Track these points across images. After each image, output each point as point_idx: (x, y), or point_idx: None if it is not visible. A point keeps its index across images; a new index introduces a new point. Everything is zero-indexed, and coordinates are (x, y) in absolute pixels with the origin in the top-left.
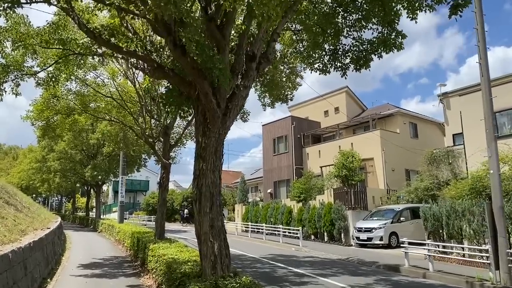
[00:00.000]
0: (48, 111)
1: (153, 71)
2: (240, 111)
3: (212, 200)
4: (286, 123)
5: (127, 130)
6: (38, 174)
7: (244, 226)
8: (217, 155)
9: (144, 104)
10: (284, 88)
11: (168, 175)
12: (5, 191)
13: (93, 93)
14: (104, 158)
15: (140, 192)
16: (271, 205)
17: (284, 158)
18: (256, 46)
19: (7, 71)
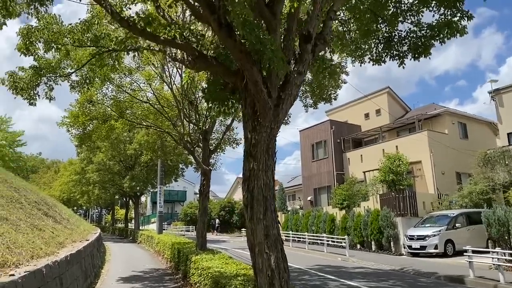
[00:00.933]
0: (83, 117)
1: (194, 61)
2: (294, 102)
3: (266, 205)
4: (324, 127)
5: (164, 137)
6: (78, 186)
7: (284, 235)
8: (269, 153)
9: (182, 108)
10: (327, 87)
11: (208, 182)
12: (45, 202)
13: (130, 99)
14: (142, 168)
15: (178, 202)
16: (312, 213)
17: (324, 164)
18: (312, 24)
19: (39, 74)
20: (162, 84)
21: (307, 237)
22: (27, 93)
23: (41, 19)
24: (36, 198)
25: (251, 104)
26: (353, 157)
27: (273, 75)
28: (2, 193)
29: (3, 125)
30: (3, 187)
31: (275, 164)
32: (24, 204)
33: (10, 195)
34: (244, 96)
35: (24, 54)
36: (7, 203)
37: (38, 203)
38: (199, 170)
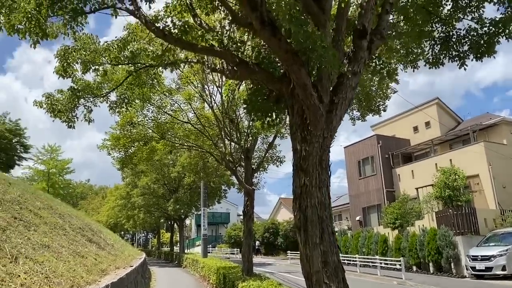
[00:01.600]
0: (124, 139)
1: (235, 69)
2: (349, 107)
3: (322, 227)
4: (371, 143)
5: (206, 157)
6: (124, 210)
7: None
8: (322, 166)
9: (223, 127)
10: (375, 97)
11: (252, 202)
12: (89, 228)
13: (171, 120)
14: (185, 191)
15: (222, 224)
16: (362, 234)
17: (372, 181)
18: (366, 18)
19: (77, 96)
20: (202, 104)
21: (358, 259)
22: (65, 116)
23: (78, 39)
24: (81, 224)
25: (300, 112)
26: (403, 173)
27: (324, 77)
28: (46, 220)
29: (53, 154)
30: (47, 214)
31: (329, 178)
32: (67, 230)
33: (54, 221)
34: (291, 103)
35: (62, 77)
36: (51, 230)
37: (82, 229)
38: (242, 191)
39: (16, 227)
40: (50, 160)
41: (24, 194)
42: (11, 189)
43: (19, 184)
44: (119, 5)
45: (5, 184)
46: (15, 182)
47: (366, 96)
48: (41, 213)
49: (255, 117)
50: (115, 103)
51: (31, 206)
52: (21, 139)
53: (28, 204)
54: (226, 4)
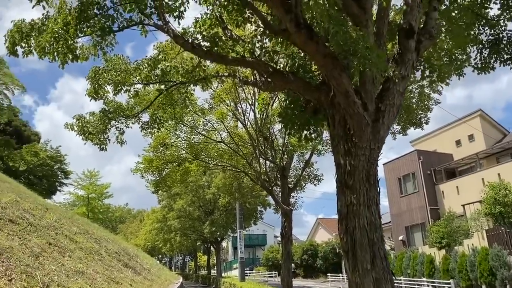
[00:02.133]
0: (157, 161)
1: (268, 80)
2: (397, 115)
3: (373, 250)
4: (411, 158)
5: (241, 177)
6: (160, 234)
7: None
8: (370, 182)
9: (257, 145)
10: (416, 109)
11: (290, 223)
12: (126, 252)
13: (204, 140)
14: (221, 213)
15: (259, 246)
16: (406, 254)
17: (414, 198)
18: (413, 15)
19: (109, 117)
20: (236, 122)
21: (403, 281)
22: (97, 138)
23: (109, 60)
24: (117, 248)
25: (342, 122)
26: (447, 189)
27: (368, 83)
28: (81, 245)
29: (92, 179)
30: (83, 239)
31: (379, 195)
32: (103, 255)
33: (90, 246)
34: (331, 113)
35: (94, 99)
36: (86, 255)
37: (118, 254)
38: (278, 211)
39: (51, 253)
40: (90, 185)
41: (60, 219)
42: (48, 215)
43: (56, 210)
44: (146, 21)
45: (42, 210)
46: (52, 208)
47: (406, 108)
48: (77, 238)
49: (291, 131)
50: (147, 124)
51: (67, 231)
52: (62, 166)
53: (64, 229)
54: (258, 11)
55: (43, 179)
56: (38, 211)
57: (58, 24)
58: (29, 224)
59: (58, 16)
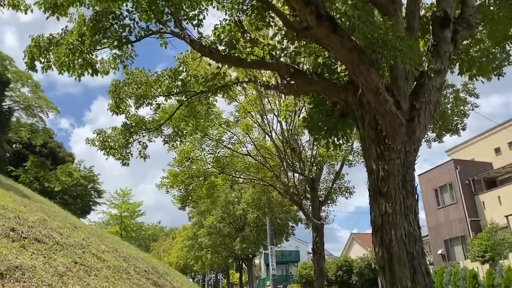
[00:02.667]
0: (182, 175)
1: (290, 82)
2: (434, 113)
3: (413, 265)
4: (448, 168)
5: (269, 191)
6: (191, 251)
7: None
8: (407, 189)
9: (284, 157)
10: (451, 115)
11: (321, 238)
12: (155, 271)
13: (230, 154)
14: (251, 229)
15: (292, 263)
16: (447, 270)
17: (453, 210)
18: (448, 2)
19: (130, 131)
20: (262, 135)
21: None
22: (119, 153)
23: (130, 74)
24: (147, 266)
25: (373, 123)
26: (488, 199)
27: (400, 78)
28: (109, 264)
29: (125, 197)
30: (111, 257)
31: (417, 203)
32: (131, 274)
33: (118, 265)
34: (360, 114)
35: (116, 113)
36: (113, 274)
37: (148, 272)
38: (309, 226)
39: (76, 272)
40: (122, 203)
41: (89, 238)
42: (75, 233)
43: (85, 228)
44: (164, 29)
45: (71, 228)
46: (81, 226)
47: (441, 114)
48: (104, 256)
49: (317, 137)
50: (169, 137)
51: (95, 249)
52: (95, 185)
53: (92, 247)
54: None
55: (77, 199)
56: (66, 229)
57: (73, 36)
58: (56, 243)
59: (75, 28)
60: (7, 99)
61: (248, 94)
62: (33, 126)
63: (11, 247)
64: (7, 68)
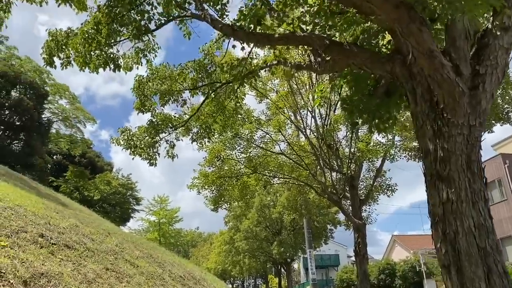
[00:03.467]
0: (212, 174)
1: (325, 59)
2: (502, 78)
3: (487, 264)
4: (495, 163)
5: (305, 192)
6: (229, 256)
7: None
8: (473, 170)
9: (320, 153)
10: (502, 103)
11: (364, 239)
12: (192, 276)
13: (262, 153)
14: (288, 232)
15: (332, 267)
16: None
17: (503, 208)
18: None
19: (156, 129)
20: (295, 132)
21: None
22: (145, 152)
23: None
24: (183, 272)
25: (427, 95)
26: None
27: (458, 38)
28: (142, 270)
29: (163, 204)
30: (145, 263)
31: (486, 188)
32: (166, 280)
33: (152, 271)
34: (411, 86)
35: (141, 112)
36: (146, 281)
37: (183, 278)
38: (349, 227)
39: (107, 279)
40: (160, 210)
41: (122, 244)
42: (108, 239)
43: (120, 234)
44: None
45: (104, 234)
46: (116, 232)
47: None
48: (138, 262)
49: (359, 119)
50: (197, 134)
51: (129, 255)
52: (133, 192)
53: (125, 253)
54: None
55: (116, 207)
56: (99, 235)
57: (88, 25)
58: (87, 249)
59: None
60: (46, 111)
61: (279, 90)
62: (71, 136)
63: (39, 253)
64: (45, 81)
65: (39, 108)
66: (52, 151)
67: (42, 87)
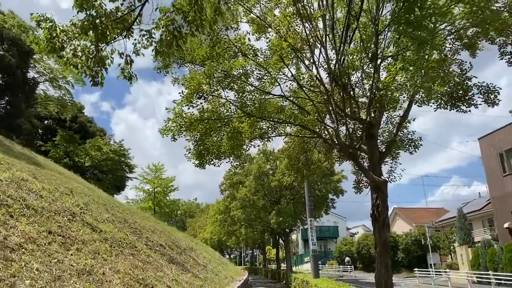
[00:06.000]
0: (192, 116)
1: None
2: None
3: None
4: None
5: (309, 148)
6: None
7: (475, 277)
8: None
9: (331, 95)
10: None
11: (385, 201)
12: (176, 245)
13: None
14: (288, 201)
15: (330, 239)
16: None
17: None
18: None
19: (97, 29)
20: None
21: None
22: (85, 65)
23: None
24: (165, 240)
25: None
26: None
27: None
28: (107, 236)
29: (158, 173)
30: (112, 228)
31: None
32: (139, 248)
33: (121, 237)
34: None
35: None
36: (110, 248)
37: (164, 247)
38: (360, 191)
39: (45, 245)
40: (155, 179)
41: (88, 205)
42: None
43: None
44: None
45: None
46: (82, 192)
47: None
48: (103, 226)
49: None
50: (162, 42)
51: (92, 218)
52: (126, 160)
53: (87, 215)
54: None
55: (108, 174)
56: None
57: None
58: (25, 207)
59: None
60: (31, 70)
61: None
62: (60, 99)
63: None
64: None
65: (24, 66)
66: (41, 114)
67: (26, 44)
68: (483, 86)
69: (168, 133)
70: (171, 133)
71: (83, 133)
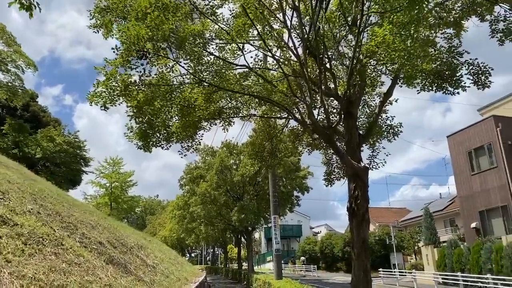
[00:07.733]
0: (126, 76)
1: None
2: None
3: None
4: (486, 127)
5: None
6: (183, 223)
7: (442, 277)
8: None
9: (304, 63)
10: None
11: (365, 191)
12: (121, 243)
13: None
14: (251, 197)
15: (294, 238)
16: (486, 246)
17: (492, 176)
18: None
19: None
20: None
21: (492, 280)
22: None
23: None
24: (107, 237)
25: None
26: None
27: None
28: (22, 230)
29: (115, 167)
30: (33, 222)
31: None
32: (67, 246)
33: (44, 232)
34: None
35: None
36: (23, 246)
37: (104, 245)
38: (332, 182)
39: None
40: (112, 173)
41: (9, 193)
42: None
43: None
44: None
45: None
46: (4, 178)
47: None
48: (18, 219)
49: None
50: None
51: (6, 208)
52: (81, 152)
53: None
54: None
55: (61, 166)
56: None
57: None
58: None
59: None
60: None
61: None
62: (9, 85)
63: None
64: None
65: None
66: None
67: None
68: (473, 65)
69: (98, 101)
70: (101, 100)
71: (36, 123)
